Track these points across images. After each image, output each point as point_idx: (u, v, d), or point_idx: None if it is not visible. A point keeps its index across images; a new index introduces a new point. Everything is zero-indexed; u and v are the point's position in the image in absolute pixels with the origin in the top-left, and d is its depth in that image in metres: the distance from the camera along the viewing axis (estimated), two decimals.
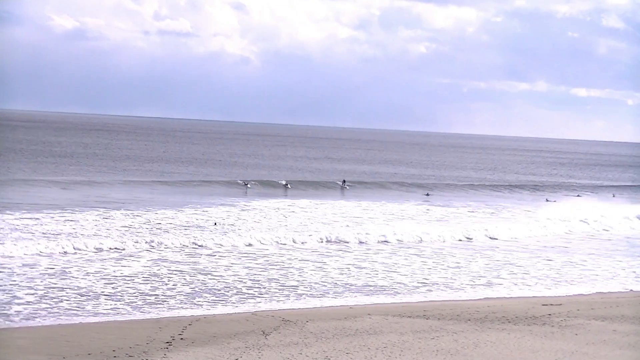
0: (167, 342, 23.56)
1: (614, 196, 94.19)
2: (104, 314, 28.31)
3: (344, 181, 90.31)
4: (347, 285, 35.37)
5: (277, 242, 45.17)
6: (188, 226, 49.16)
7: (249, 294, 32.67)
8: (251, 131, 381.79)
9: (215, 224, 50.70)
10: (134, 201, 61.05)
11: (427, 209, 68.11)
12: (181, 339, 24.07)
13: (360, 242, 47.21)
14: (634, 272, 42.71)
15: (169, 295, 31.58)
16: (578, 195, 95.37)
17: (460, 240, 50.92)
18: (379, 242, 47.83)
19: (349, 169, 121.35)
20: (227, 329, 25.58)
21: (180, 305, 30.05)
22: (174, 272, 36.06)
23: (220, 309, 29.68)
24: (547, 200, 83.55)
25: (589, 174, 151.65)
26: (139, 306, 29.68)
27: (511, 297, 34.26)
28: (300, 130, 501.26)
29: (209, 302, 30.90)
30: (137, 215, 52.23)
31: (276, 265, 39.17)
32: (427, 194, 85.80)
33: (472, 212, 68.05)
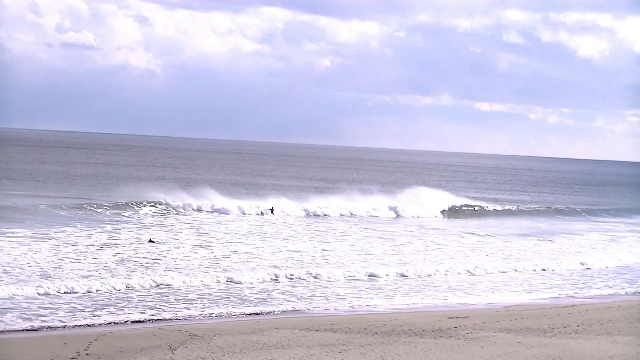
0: (72, 358, 23.23)
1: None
2: (6, 330, 27.73)
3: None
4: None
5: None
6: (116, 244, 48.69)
7: (157, 308, 32.36)
8: (155, 145, 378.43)
9: (150, 240, 50.07)
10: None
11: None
12: (87, 354, 23.74)
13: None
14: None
15: (74, 310, 31.11)
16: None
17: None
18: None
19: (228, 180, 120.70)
20: (133, 344, 25.30)
21: (86, 320, 29.61)
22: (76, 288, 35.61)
23: (126, 323, 29.33)
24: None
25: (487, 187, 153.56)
26: (43, 321, 29.14)
27: (418, 311, 34.50)
28: (204, 144, 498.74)
29: (114, 316, 30.49)
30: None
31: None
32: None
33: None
